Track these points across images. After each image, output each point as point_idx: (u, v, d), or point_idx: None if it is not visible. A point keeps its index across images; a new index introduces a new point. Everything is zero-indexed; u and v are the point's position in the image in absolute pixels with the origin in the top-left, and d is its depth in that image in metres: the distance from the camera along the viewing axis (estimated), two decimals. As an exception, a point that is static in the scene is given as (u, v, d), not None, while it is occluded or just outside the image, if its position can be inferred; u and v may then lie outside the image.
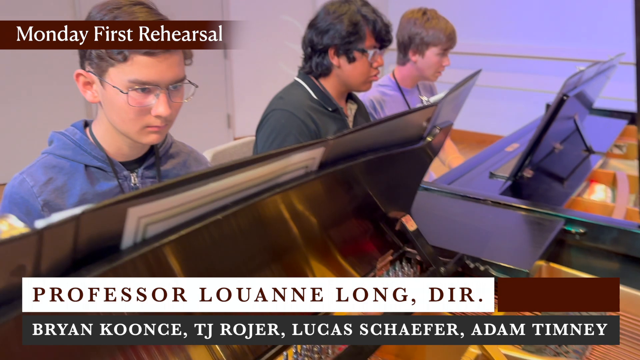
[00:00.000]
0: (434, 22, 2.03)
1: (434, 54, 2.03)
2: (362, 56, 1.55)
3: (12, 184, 1.03)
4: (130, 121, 1.02)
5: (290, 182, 0.54)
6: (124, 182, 1.11)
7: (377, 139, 0.69)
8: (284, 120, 1.51)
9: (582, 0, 4.50)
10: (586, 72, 1.65)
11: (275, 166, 0.51)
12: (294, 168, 0.55)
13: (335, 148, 0.60)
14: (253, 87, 4.85)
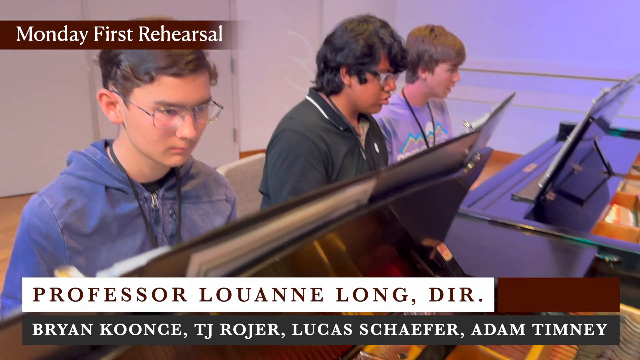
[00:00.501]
0: (442, 38, 2.00)
1: (443, 70, 2.01)
2: (374, 79, 1.51)
3: (31, 206, 1.00)
4: (154, 142, 0.99)
5: (344, 218, 0.51)
6: (144, 203, 1.07)
7: (423, 168, 0.66)
8: (294, 141, 1.48)
9: (594, 18, 4.50)
10: (610, 93, 1.62)
11: (330, 202, 0.48)
12: (347, 202, 0.52)
13: (385, 180, 0.56)
14: (259, 101, 4.84)
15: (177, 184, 1.13)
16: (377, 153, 1.68)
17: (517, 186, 1.70)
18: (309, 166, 1.47)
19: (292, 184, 1.48)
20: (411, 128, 2.07)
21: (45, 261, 1.00)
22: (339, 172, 1.53)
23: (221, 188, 1.23)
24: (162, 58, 0.93)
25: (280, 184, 1.50)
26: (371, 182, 0.54)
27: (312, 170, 1.48)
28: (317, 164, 1.48)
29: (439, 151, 0.66)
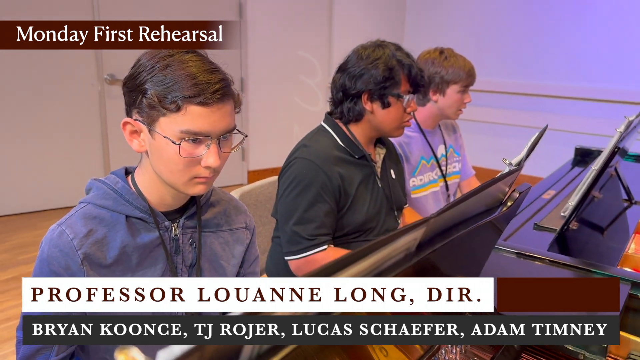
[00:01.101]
0: (452, 60, 2.00)
1: (454, 92, 2.00)
2: (397, 101, 1.50)
3: (51, 237, 0.97)
4: (178, 172, 0.97)
5: (395, 268, 0.48)
6: (165, 232, 1.05)
7: (466, 209, 0.63)
8: (305, 170, 1.46)
9: (603, 40, 4.49)
10: (635, 120, 1.59)
11: (385, 252, 0.45)
12: (397, 252, 0.49)
13: (434, 225, 0.54)
14: (268, 120, 4.83)
15: (198, 213, 1.11)
16: (393, 179, 1.66)
17: (538, 214, 1.66)
18: (318, 197, 1.45)
19: (300, 213, 1.46)
20: (423, 151, 2.05)
21: None
22: (352, 200, 1.51)
23: (241, 216, 1.21)
24: (188, 87, 0.91)
25: (288, 212, 1.48)
26: (421, 229, 0.51)
27: (322, 202, 1.46)
28: (327, 195, 1.47)
29: (483, 192, 0.63)
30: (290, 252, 1.48)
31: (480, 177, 5.66)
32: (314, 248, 1.46)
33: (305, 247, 1.46)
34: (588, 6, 4.49)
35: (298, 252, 1.47)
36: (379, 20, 5.38)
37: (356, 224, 1.52)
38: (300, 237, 1.46)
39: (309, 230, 1.45)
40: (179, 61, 0.94)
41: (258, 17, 4.55)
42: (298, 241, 1.46)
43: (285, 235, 1.49)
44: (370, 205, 1.54)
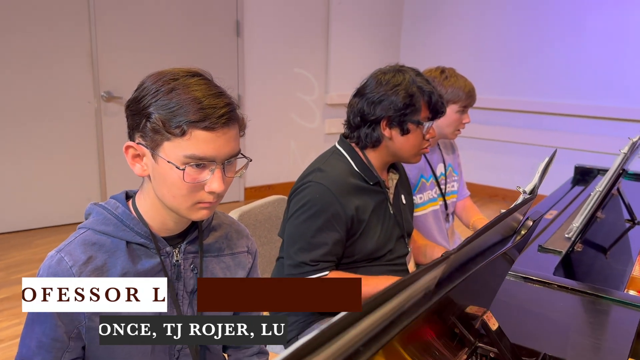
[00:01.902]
0: (452, 80, 2.00)
1: (453, 111, 2.00)
2: (417, 128, 1.48)
3: (49, 264, 0.94)
4: (182, 197, 0.94)
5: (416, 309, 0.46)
6: (166, 258, 1.03)
7: (482, 242, 0.61)
8: (319, 196, 1.43)
9: (601, 58, 4.53)
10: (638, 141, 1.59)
11: (406, 294, 0.43)
12: (418, 292, 0.47)
13: (453, 262, 0.52)
14: (265, 137, 4.82)
15: (200, 237, 1.08)
16: (404, 205, 1.64)
17: (542, 235, 1.65)
18: (329, 225, 1.43)
19: (307, 238, 1.44)
20: (423, 170, 2.05)
21: (64, 323, 0.94)
22: (364, 228, 1.48)
23: (243, 239, 1.19)
24: (194, 111, 0.89)
25: (296, 235, 1.46)
26: (441, 267, 0.49)
27: (332, 230, 1.43)
28: (338, 225, 1.44)
29: (500, 223, 0.61)
30: (292, 276, 1.46)
31: (480, 194, 5.69)
32: (314, 273, 1.44)
33: (306, 271, 1.44)
34: (587, 23, 4.53)
35: (299, 277, 1.45)
36: (375, 38, 5.40)
37: (366, 251, 1.50)
38: (303, 263, 1.44)
39: (312, 256, 1.43)
40: (184, 85, 0.92)
41: (255, 35, 4.56)
42: (300, 266, 1.44)
43: (288, 258, 1.47)
44: (381, 233, 1.52)
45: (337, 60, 5.12)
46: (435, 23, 5.44)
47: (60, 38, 3.64)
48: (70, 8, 3.64)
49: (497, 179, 5.22)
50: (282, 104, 4.89)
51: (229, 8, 4.36)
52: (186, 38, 4.15)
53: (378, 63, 1.58)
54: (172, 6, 4.06)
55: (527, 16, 4.83)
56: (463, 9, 5.22)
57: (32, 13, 3.50)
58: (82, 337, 0.97)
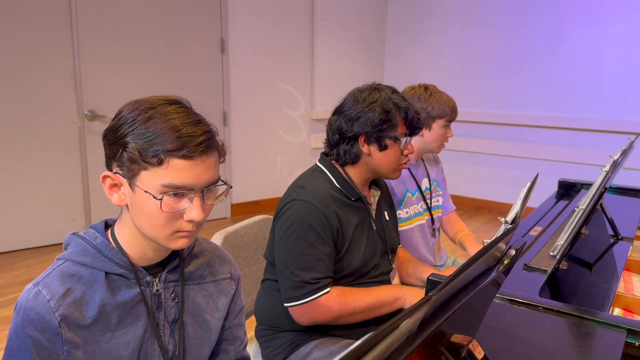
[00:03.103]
0: (437, 96, 2.07)
1: (439, 126, 2.07)
2: (394, 144, 1.50)
3: (27, 297, 0.92)
4: (160, 227, 0.93)
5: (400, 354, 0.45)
6: (146, 288, 1.01)
7: (467, 275, 0.61)
8: (305, 212, 1.43)
9: (580, 70, 4.60)
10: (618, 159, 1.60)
11: (388, 342, 0.42)
12: (400, 336, 0.46)
13: (435, 302, 0.51)
14: (251, 153, 4.82)
15: (181, 266, 1.07)
16: (387, 221, 1.64)
17: (527, 253, 1.65)
18: (319, 239, 1.43)
19: (302, 257, 1.43)
20: (408, 184, 2.07)
21: (41, 357, 0.92)
22: (349, 244, 1.48)
23: (225, 265, 1.17)
24: (171, 140, 0.88)
25: (289, 256, 1.44)
26: (423, 309, 0.48)
27: (322, 244, 1.43)
28: (327, 237, 1.44)
29: (483, 256, 0.61)
30: (294, 298, 1.44)
31: (465, 207, 5.71)
32: (318, 291, 1.42)
33: (309, 291, 1.42)
34: (568, 37, 4.61)
35: (302, 297, 1.43)
36: (360, 53, 5.44)
37: (353, 267, 1.50)
38: (304, 282, 1.42)
39: (312, 274, 1.42)
40: (161, 113, 0.91)
41: (240, 52, 4.57)
42: (302, 286, 1.42)
43: (286, 280, 1.45)
44: (366, 249, 1.52)
45: (322, 75, 5.14)
46: (418, 38, 5.49)
47: (43, 56, 3.61)
48: (53, 26, 3.62)
49: (482, 191, 5.26)
50: (267, 120, 4.90)
51: (214, 25, 4.37)
52: (171, 56, 4.15)
53: (363, 78, 1.61)
54: (157, 24, 4.05)
55: (509, 30, 4.91)
56: (446, 23, 5.29)
57: (14, 30, 3.48)
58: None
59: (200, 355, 1.09)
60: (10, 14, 3.44)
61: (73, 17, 3.67)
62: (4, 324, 2.74)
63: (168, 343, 1.03)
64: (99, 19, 3.78)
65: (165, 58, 4.13)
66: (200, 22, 4.29)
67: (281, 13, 4.79)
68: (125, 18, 3.90)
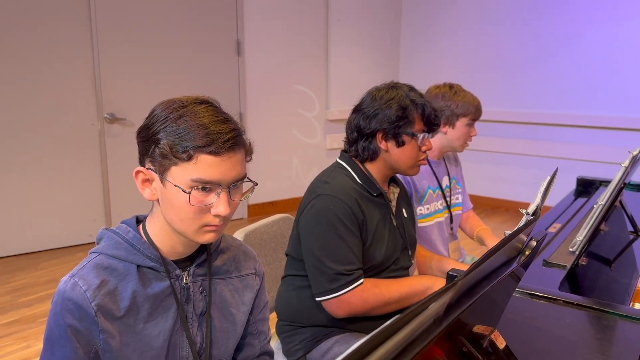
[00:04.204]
0: (462, 94, 2.08)
1: (463, 125, 2.07)
2: (412, 140, 1.52)
3: (64, 289, 0.96)
4: (189, 220, 0.97)
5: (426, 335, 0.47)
6: (176, 281, 1.05)
7: (490, 264, 0.63)
8: (332, 206, 1.46)
9: (601, 68, 4.56)
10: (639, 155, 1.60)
11: (417, 322, 0.44)
12: (428, 318, 0.48)
13: (461, 287, 0.53)
14: (267, 154, 4.86)
15: (208, 260, 1.10)
16: (405, 218, 1.66)
17: (546, 249, 1.65)
18: (348, 231, 1.45)
19: (334, 249, 1.45)
20: (430, 181, 2.09)
21: (81, 344, 0.97)
22: (372, 239, 1.51)
23: (250, 261, 1.21)
24: (200, 137, 0.92)
25: (321, 249, 1.46)
26: (449, 293, 0.50)
27: (352, 236, 1.46)
28: (355, 229, 1.47)
29: (506, 245, 0.63)
30: (330, 291, 1.45)
31: (482, 206, 5.69)
32: (353, 282, 1.44)
33: (344, 282, 1.44)
34: (585, 33, 4.58)
35: (339, 289, 1.45)
36: (374, 53, 5.46)
37: (376, 261, 1.52)
38: (339, 274, 1.44)
39: (346, 266, 1.44)
40: (191, 112, 0.95)
41: (256, 54, 4.62)
42: (337, 278, 1.44)
43: (320, 275, 1.46)
44: (388, 243, 1.55)
45: (337, 76, 5.17)
46: (433, 37, 5.49)
47: (64, 61, 3.69)
48: (73, 31, 3.70)
49: (499, 190, 5.24)
50: (283, 121, 4.94)
51: (230, 28, 4.42)
52: (188, 59, 4.21)
53: (377, 78, 1.63)
54: (174, 28, 4.12)
55: (523, 28, 4.89)
56: (460, 22, 5.28)
57: (36, 36, 3.56)
58: (99, 357, 0.99)
59: (226, 348, 1.13)
60: (31, 21, 3.52)
61: (92, 23, 3.74)
62: (29, 323, 2.81)
63: (196, 335, 1.07)
64: (117, 24, 3.85)
65: (183, 61, 4.19)
66: (216, 25, 4.34)
67: (296, 14, 4.83)
68: (143, 23, 3.96)
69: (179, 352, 1.05)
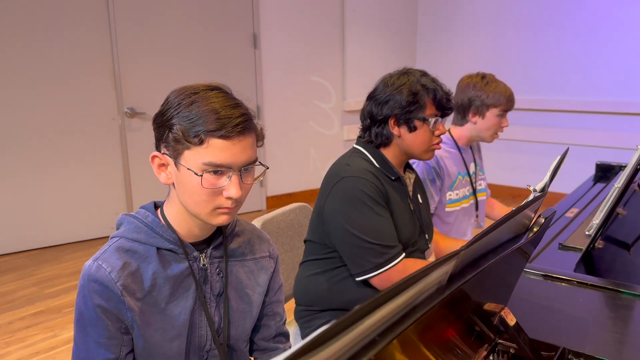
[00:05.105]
0: (493, 85, 2.07)
1: (494, 115, 2.06)
2: (423, 124, 1.52)
3: (88, 272, 1.00)
4: (202, 202, 1.00)
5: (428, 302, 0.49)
6: (194, 263, 1.08)
7: (494, 239, 0.64)
8: (360, 185, 1.47)
9: (618, 54, 4.49)
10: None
11: (418, 288, 0.46)
12: (430, 286, 0.50)
13: (464, 257, 0.55)
14: (285, 146, 4.89)
15: (224, 243, 1.13)
16: (421, 204, 1.68)
17: (562, 233, 1.65)
18: (381, 208, 1.48)
19: (373, 225, 1.47)
20: (460, 167, 2.11)
21: (112, 322, 1.01)
22: (395, 218, 1.53)
23: (264, 244, 1.24)
24: (211, 121, 0.95)
25: (361, 227, 1.47)
26: (452, 262, 0.52)
27: (385, 212, 1.49)
28: (385, 206, 1.50)
29: (511, 220, 0.64)
30: (378, 266, 1.47)
31: (502, 195, 5.65)
32: (397, 257, 1.48)
33: (392, 255, 1.47)
34: (603, 20, 4.50)
35: (386, 264, 1.46)
36: (391, 43, 5.44)
37: (400, 241, 1.54)
38: (386, 247, 1.46)
39: (390, 241, 1.47)
40: (203, 98, 0.98)
41: (272, 47, 4.64)
42: (384, 252, 1.46)
43: (365, 253, 1.47)
44: (409, 225, 1.56)
45: (353, 67, 5.16)
46: (450, 25, 5.45)
47: (84, 58, 3.76)
48: (93, 29, 3.76)
49: (519, 179, 5.20)
50: (300, 113, 4.96)
51: (246, 21, 4.45)
52: (205, 53, 4.25)
53: (394, 68, 1.64)
54: (191, 22, 4.16)
55: (542, 15, 4.82)
56: (478, 9, 5.23)
57: (56, 34, 3.63)
58: (130, 332, 1.03)
59: (243, 327, 1.16)
60: (52, 19, 3.59)
61: (111, 20, 3.80)
62: (55, 313, 2.89)
63: (214, 315, 1.10)
64: (135, 20, 3.90)
65: (200, 56, 4.23)
66: (232, 18, 4.37)
67: (311, 6, 4.84)
68: (161, 19, 4.01)
69: (197, 331, 1.09)
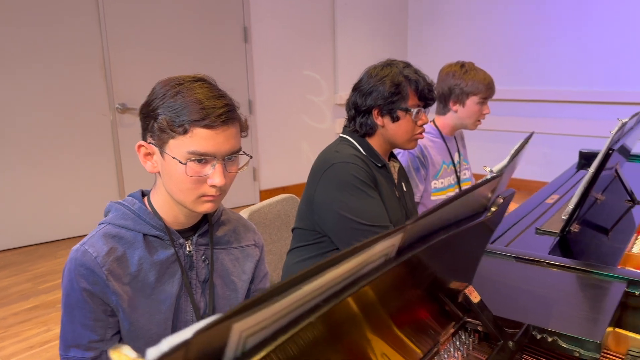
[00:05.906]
0: (472, 73, 2.11)
1: (474, 103, 2.10)
2: (406, 115, 1.56)
3: (75, 257, 1.04)
4: (187, 190, 1.03)
5: (374, 272, 0.52)
6: (180, 249, 1.11)
7: (448, 215, 0.68)
8: (351, 171, 1.50)
9: (602, 44, 4.52)
10: (628, 122, 1.62)
11: (360, 259, 0.49)
12: (376, 257, 0.53)
13: (411, 232, 0.58)
14: (277, 140, 4.91)
15: (210, 230, 1.17)
16: (405, 192, 1.72)
17: (540, 219, 1.69)
18: (372, 191, 1.52)
19: (368, 207, 1.49)
20: (444, 156, 2.14)
21: (97, 305, 1.04)
22: (383, 202, 1.57)
23: (250, 233, 1.27)
24: (195, 111, 0.99)
25: (358, 211, 1.49)
26: (398, 235, 0.55)
27: (376, 194, 1.52)
28: (376, 189, 1.54)
29: (463, 198, 0.67)
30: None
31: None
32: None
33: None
34: (589, 12, 4.53)
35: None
36: (382, 36, 5.46)
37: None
38: (381, 227, 1.49)
39: (382, 222, 1.50)
40: (188, 88, 1.02)
41: (263, 41, 4.66)
42: (379, 233, 1.49)
43: (360, 234, 1.48)
44: (396, 212, 1.60)
45: (345, 60, 5.19)
46: (440, 18, 5.47)
47: (74, 53, 3.77)
48: (83, 24, 3.77)
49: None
50: (292, 107, 4.98)
51: (237, 15, 4.47)
52: (196, 48, 4.27)
53: (385, 61, 1.68)
54: (182, 18, 4.17)
55: (529, 6, 4.85)
56: (468, 1, 5.25)
57: (46, 30, 3.64)
58: (116, 314, 1.06)
59: (227, 314, 1.19)
60: (41, 15, 3.61)
61: (101, 15, 3.81)
62: (48, 308, 2.92)
63: (199, 301, 1.14)
64: (125, 15, 3.92)
65: (191, 51, 4.25)
66: (223, 12, 4.39)
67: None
68: (151, 14, 4.03)
69: (183, 317, 1.12)
